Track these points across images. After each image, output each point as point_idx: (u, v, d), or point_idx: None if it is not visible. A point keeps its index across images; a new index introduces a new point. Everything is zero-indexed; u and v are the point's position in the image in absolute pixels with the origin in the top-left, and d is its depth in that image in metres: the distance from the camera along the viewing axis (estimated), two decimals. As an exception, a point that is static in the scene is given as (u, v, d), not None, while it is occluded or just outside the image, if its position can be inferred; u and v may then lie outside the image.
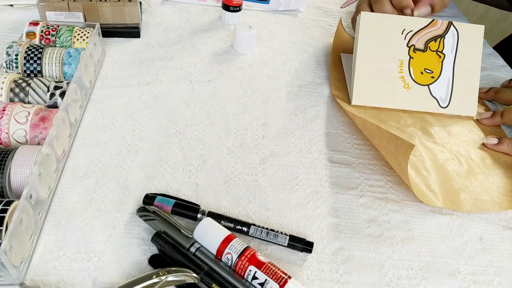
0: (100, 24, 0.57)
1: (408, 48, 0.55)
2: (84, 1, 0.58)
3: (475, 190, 0.46)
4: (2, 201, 0.34)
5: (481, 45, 0.55)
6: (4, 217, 0.33)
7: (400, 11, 0.56)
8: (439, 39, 0.55)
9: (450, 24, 0.55)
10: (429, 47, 0.55)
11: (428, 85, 0.55)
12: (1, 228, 0.32)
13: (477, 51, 0.55)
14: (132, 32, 0.62)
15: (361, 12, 0.55)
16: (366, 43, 0.54)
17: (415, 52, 0.55)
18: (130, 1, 0.60)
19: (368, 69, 0.54)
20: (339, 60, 0.62)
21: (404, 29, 0.55)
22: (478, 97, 0.55)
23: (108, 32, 0.61)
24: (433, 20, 0.55)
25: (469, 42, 0.55)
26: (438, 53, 0.55)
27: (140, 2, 0.66)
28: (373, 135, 0.48)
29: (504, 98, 0.56)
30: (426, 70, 0.55)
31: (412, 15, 0.55)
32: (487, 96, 0.57)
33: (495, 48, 0.73)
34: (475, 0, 0.80)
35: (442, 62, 0.55)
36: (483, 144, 0.52)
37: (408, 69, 0.54)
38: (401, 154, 0.43)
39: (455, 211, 0.44)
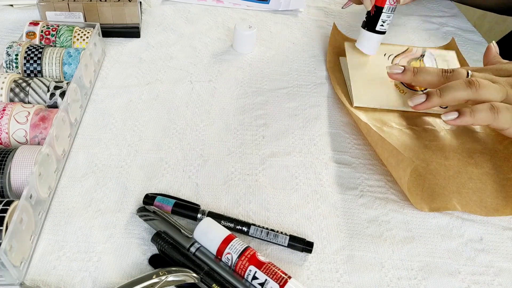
0: (100, 24, 0.57)
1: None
2: (84, 1, 0.58)
3: (481, 192, 0.45)
4: (2, 201, 0.34)
5: (457, 63, 0.60)
6: (4, 217, 0.33)
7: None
8: (418, 60, 0.60)
9: (424, 50, 0.61)
10: (412, 64, 0.59)
11: (422, 90, 0.56)
12: (1, 228, 0.32)
13: (456, 64, 0.60)
14: (132, 32, 0.62)
15: (345, 42, 0.61)
16: (355, 63, 0.59)
17: None
18: (130, 1, 0.60)
19: (363, 80, 0.57)
20: (337, 63, 0.62)
21: (386, 53, 0.60)
22: (393, 78, 0.54)
23: (108, 32, 0.61)
24: (408, 47, 0.61)
25: (447, 60, 0.60)
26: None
27: (140, 2, 0.66)
28: (376, 144, 0.48)
29: (423, 79, 0.50)
30: None
31: (369, 8, 0.55)
32: (404, 78, 0.52)
33: None
34: (483, 9, 0.79)
35: None
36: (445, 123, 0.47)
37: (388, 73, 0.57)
38: (401, 170, 0.44)
39: (459, 212, 0.44)
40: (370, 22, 0.56)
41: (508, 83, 0.47)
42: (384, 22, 0.55)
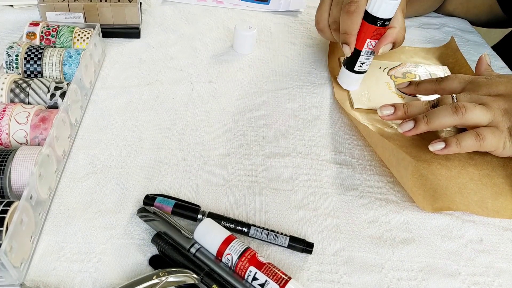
0: (100, 24, 0.57)
1: (389, 76, 0.60)
2: (84, 2, 0.58)
3: (482, 193, 0.45)
4: (3, 201, 0.34)
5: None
6: (4, 217, 0.33)
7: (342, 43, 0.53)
8: (413, 72, 0.61)
9: (417, 65, 0.63)
10: (407, 76, 0.61)
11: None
12: (1, 229, 0.32)
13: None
14: (132, 32, 0.62)
15: (340, 57, 0.62)
16: None
17: (397, 78, 0.60)
18: (130, 2, 0.60)
19: (362, 86, 0.57)
20: (338, 64, 0.62)
21: (381, 67, 0.61)
22: (402, 92, 0.57)
23: (108, 32, 0.61)
24: (401, 63, 0.63)
25: (440, 72, 0.62)
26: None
27: (140, 3, 0.66)
28: (376, 145, 0.48)
29: (423, 89, 0.54)
30: None
31: (348, 55, 0.53)
32: (409, 90, 0.56)
33: (493, 48, 0.73)
34: (475, 25, 0.79)
35: None
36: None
37: (396, 88, 0.58)
38: (402, 169, 0.44)
39: (460, 212, 0.44)
40: (349, 62, 0.54)
41: (495, 101, 0.46)
42: (362, 63, 0.53)
